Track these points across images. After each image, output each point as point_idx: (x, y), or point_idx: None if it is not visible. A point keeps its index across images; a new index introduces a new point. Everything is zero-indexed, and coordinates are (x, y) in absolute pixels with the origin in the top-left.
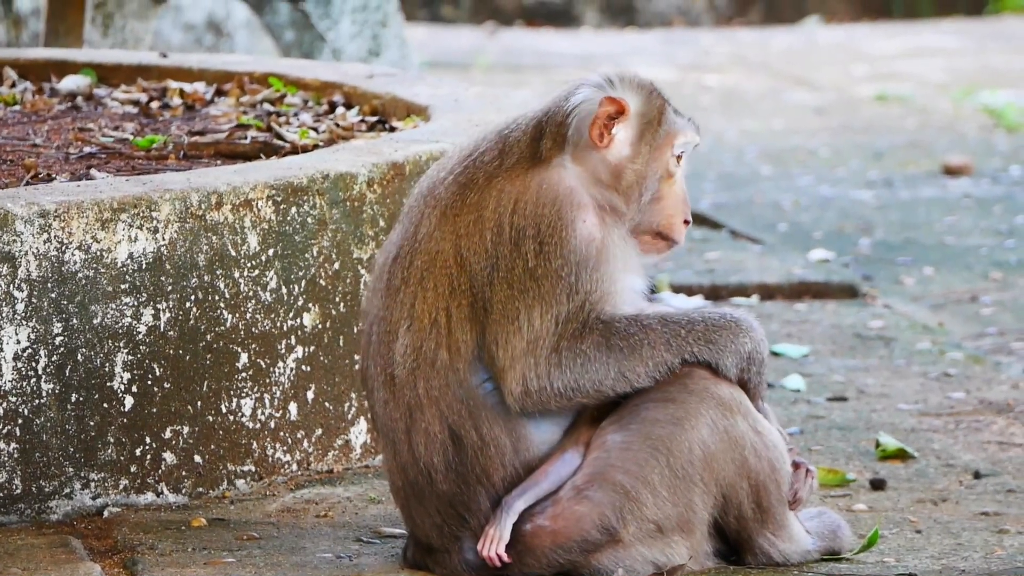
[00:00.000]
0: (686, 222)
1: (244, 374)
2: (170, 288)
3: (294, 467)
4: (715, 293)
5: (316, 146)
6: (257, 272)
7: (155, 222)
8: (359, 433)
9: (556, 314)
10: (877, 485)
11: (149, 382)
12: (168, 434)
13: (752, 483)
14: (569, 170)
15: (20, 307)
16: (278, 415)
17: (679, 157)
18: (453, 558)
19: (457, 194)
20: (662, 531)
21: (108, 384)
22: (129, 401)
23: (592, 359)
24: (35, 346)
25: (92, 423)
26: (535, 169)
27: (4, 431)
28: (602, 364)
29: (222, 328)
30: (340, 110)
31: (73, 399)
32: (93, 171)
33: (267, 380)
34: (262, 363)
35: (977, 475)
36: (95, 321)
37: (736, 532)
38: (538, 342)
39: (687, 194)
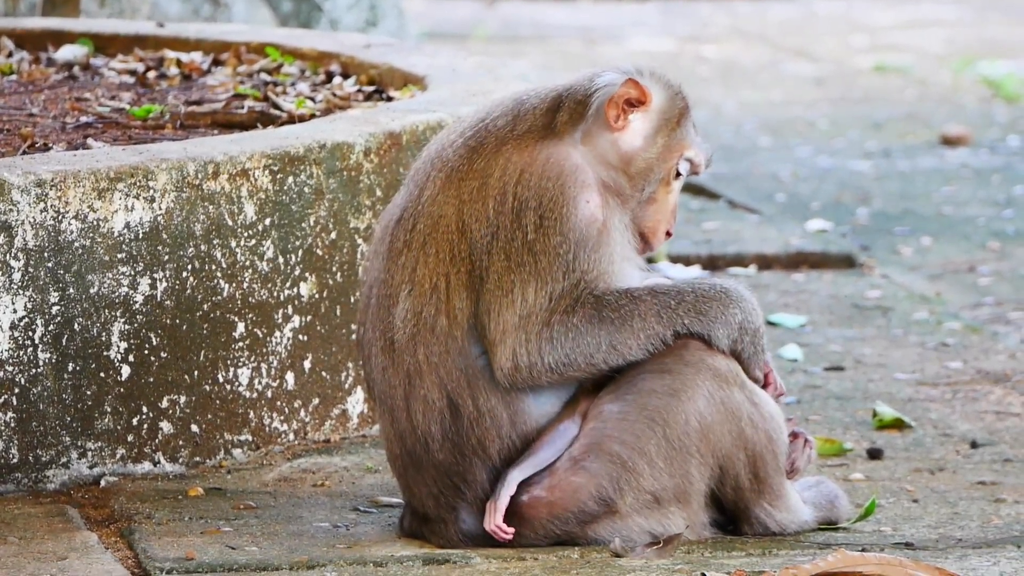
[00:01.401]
0: (668, 233)
1: (241, 344)
2: (167, 258)
3: (291, 437)
4: (713, 263)
5: (313, 116)
6: (254, 242)
7: (152, 191)
8: (356, 403)
9: (550, 291)
10: (874, 455)
11: (146, 351)
12: (165, 403)
13: (749, 454)
14: (579, 147)
15: (16, 276)
16: (275, 385)
17: (679, 173)
18: (449, 528)
19: (465, 158)
20: (659, 502)
21: (105, 353)
22: (126, 370)
23: (584, 332)
24: (32, 315)
25: (89, 392)
26: (545, 141)
27: (1, 400)
28: (593, 337)
29: (219, 298)
30: (337, 80)
31: (70, 368)
32: (90, 140)
33: (264, 350)
34: (259, 333)
35: (974, 445)
36: (92, 290)
37: (733, 503)
38: (530, 317)
39: (677, 208)
